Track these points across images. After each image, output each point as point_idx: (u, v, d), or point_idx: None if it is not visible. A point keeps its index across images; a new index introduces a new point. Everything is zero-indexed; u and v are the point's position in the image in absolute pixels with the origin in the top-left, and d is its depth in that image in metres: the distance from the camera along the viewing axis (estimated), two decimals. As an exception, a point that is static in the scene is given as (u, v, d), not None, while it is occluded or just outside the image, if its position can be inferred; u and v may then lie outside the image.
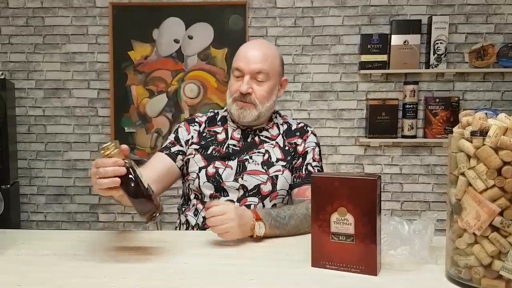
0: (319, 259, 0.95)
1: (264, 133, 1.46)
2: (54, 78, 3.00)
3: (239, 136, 1.45)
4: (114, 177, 0.94)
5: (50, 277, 0.92)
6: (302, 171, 1.42)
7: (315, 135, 1.50)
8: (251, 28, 2.91)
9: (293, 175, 1.42)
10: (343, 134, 2.95)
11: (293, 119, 1.56)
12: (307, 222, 1.21)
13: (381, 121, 2.85)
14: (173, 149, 1.43)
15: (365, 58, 2.83)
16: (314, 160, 1.44)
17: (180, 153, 1.43)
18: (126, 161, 0.96)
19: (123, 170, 0.94)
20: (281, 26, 2.92)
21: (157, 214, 0.97)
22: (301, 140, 1.46)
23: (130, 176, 0.95)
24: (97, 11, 2.95)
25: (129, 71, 2.95)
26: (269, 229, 1.17)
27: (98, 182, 0.95)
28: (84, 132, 3.02)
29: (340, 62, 2.92)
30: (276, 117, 1.52)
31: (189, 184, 1.43)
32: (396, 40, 2.81)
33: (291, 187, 1.42)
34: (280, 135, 1.47)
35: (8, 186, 2.79)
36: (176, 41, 2.93)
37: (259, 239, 1.15)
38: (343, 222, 0.92)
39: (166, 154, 1.42)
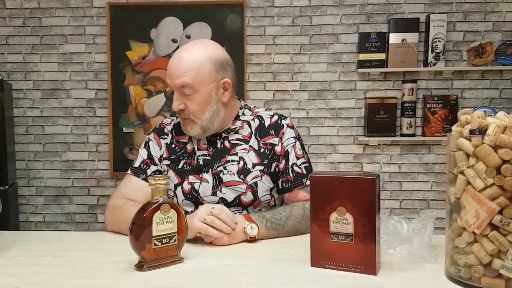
0: (319, 258, 0.95)
1: (234, 135, 1.35)
2: (52, 79, 2.99)
3: (205, 145, 1.35)
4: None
5: (48, 278, 0.92)
6: (289, 174, 1.33)
7: (292, 127, 1.37)
8: (249, 27, 2.90)
9: (281, 179, 1.34)
10: (342, 133, 2.95)
11: (266, 109, 1.43)
12: (306, 222, 1.20)
13: (380, 120, 2.84)
14: (149, 172, 1.35)
15: (363, 56, 2.83)
16: (298, 158, 1.34)
17: (157, 173, 1.36)
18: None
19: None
20: (279, 25, 2.91)
21: (144, 266, 0.95)
22: (277, 138, 1.34)
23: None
24: (94, 11, 2.94)
25: (127, 71, 2.94)
26: (265, 231, 1.16)
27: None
28: (82, 132, 3.01)
29: (338, 61, 2.92)
30: (244, 113, 1.39)
31: None
32: (394, 38, 2.81)
33: (281, 191, 1.35)
34: (253, 135, 1.35)
35: (6, 187, 2.78)
36: (174, 40, 2.93)
37: (255, 240, 1.14)
38: (342, 222, 0.92)
39: (143, 179, 1.33)
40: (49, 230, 3.05)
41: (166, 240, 0.96)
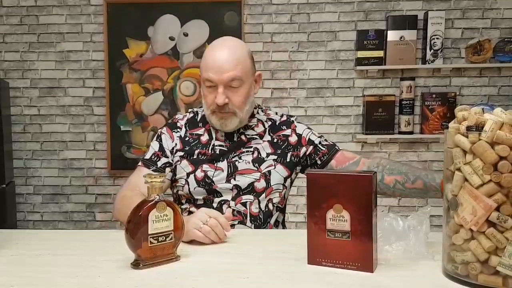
0: (315, 256, 0.94)
1: (250, 131, 1.41)
2: (49, 77, 2.98)
3: (223, 137, 1.39)
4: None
5: (45, 277, 0.91)
6: (322, 149, 1.39)
7: (300, 122, 1.47)
8: (246, 25, 2.90)
9: (317, 157, 1.39)
10: (340, 130, 2.95)
11: (275, 113, 1.49)
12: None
13: (378, 118, 2.84)
14: (160, 164, 1.37)
15: (361, 54, 2.82)
16: (319, 138, 1.42)
17: (168, 165, 1.37)
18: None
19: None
20: (276, 23, 2.90)
21: (140, 265, 0.94)
22: (290, 130, 1.42)
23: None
24: (91, 9, 2.93)
25: (124, 69, 2.93)
26: None
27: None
28: (80, 131, 3.01)
29: (337, 58, 2.91)
30: (258, 112, 1.46)
31: (178, 190, 1.39)
32: (392, 36, 2.80)
33: (323, 165, 1.38)
34: (267, 131, 1.42)
35: (4, 186, 2.78)
36: (172, 38, 2.92)
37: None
38: (339, 219, 0.91)
39: (153, 171, 1.35)
40: (47, 228, 3.05)
41: (162, 238, 0.96)
